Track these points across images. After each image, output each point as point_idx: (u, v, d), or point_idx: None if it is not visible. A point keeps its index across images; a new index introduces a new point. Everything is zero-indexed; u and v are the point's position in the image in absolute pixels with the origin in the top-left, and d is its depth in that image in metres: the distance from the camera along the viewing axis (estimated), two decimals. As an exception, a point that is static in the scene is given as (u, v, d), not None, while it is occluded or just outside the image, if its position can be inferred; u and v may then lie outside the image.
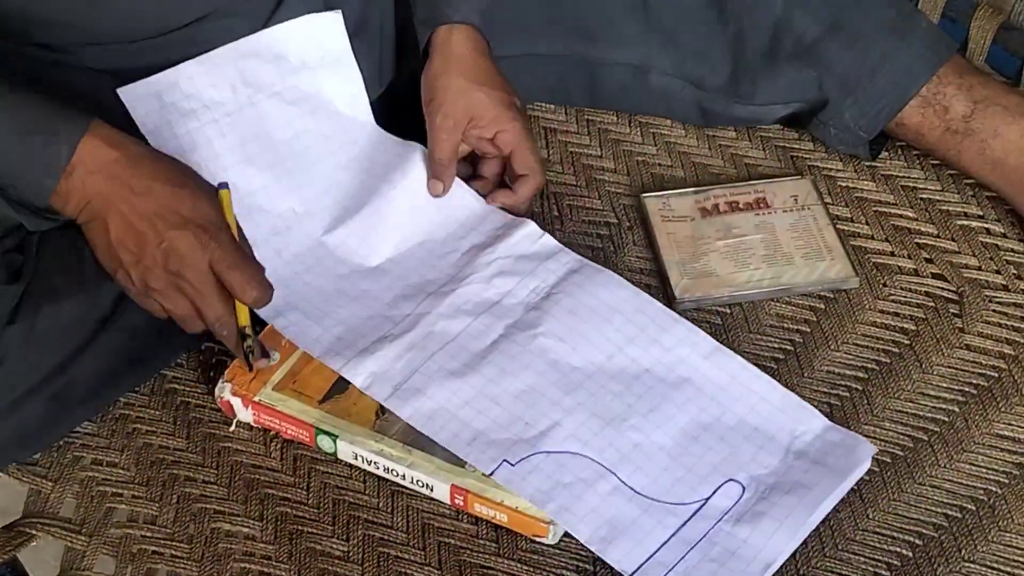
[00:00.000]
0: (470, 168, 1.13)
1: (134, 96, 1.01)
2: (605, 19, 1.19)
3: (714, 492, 0.93)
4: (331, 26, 1.07)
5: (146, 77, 1.01)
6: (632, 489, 0.93)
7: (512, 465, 0.93)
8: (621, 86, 1.23)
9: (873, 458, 0.98)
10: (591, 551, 0.93)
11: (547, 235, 1.08)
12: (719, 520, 0.92)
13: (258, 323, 0.99)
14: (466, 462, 0.95)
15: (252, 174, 1.04)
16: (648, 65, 1.20)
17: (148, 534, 0.95)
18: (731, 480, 0.94)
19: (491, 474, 0.93)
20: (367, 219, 1.07)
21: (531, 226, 1.09)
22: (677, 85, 1.21)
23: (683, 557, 0.90)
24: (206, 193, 0.95)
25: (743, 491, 0.94)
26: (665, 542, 0.91)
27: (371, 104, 1.12)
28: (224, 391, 1.00)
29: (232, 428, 1.01)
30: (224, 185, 0.98)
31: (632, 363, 1.00)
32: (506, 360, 1.00)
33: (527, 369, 0.99)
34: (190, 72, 1.02)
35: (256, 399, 0.99)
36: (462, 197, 1.10)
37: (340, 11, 1.07)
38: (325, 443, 0.99)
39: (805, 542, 0.93)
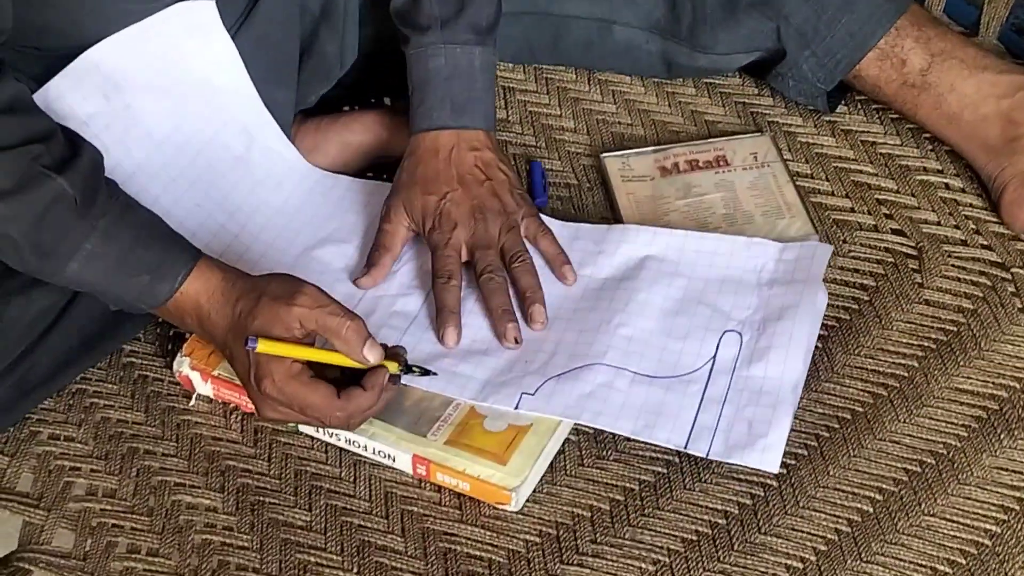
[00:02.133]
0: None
1: None
2: None
3: (717, 348, 0.98)
4: (201, 10, 1.00)
5: None
6: (647, 376, 0.97)
7: (532, 395, 0.96)
8: (586, 41, 1.21)
9: (834, 415, 0.98)
10: (554, 517, 0.93)
11: None
12: (733, 370, 0.97)
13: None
14: (428, 431, 0.95)
15: (147, 180, 1.01)
16: (612, 18, 1.19)
17: (108, 507, 0.95)
18: (726, 331, 0.99)
19: (516, 407, 0.95)
20: (273, 216, 1.07)
21: None
22: (641, 37, 1.20)
23: (720, 414, 0.94)
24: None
25: (741, 337, 0.99)
26: (699, 407, 0.95)
27: (335, 82, 1.11)
28: (183, 365, 0.99)
29: (192, 403, 1.00)
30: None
31: (590, 279, 1.04)
32: (477, 318, 1.02)
33: None
34: (59, 90, 0.97)
35: (215, 373, 0.98)
36: (335, 181, 1.11)
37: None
38: (285, 413, 0.98)
39: (766, 499, 0.93)
